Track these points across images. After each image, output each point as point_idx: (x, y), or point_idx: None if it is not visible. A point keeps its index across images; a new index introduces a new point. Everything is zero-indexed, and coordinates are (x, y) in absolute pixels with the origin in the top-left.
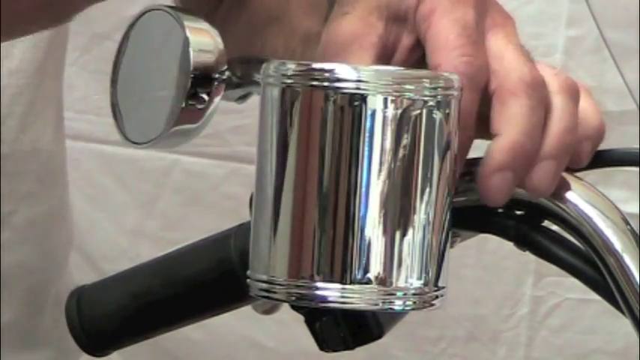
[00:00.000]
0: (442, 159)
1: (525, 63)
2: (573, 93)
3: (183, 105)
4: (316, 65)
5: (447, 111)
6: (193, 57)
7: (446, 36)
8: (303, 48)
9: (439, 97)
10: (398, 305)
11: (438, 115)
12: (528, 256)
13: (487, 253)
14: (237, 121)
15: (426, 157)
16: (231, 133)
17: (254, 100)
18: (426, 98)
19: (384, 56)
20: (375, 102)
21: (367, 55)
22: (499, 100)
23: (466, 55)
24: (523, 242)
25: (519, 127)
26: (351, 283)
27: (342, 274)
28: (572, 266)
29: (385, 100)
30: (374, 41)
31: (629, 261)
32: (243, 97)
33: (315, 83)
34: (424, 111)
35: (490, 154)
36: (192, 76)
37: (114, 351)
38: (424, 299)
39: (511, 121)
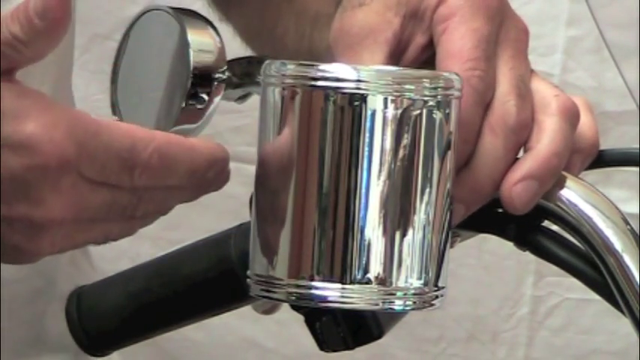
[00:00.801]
0: (442, 159)
1: (517, 98)
2: (571, 116)
3: (184, 105)
4: (316, 65)
5: (447, 111)
6: (193, 57)
7: (461, 45)
8: (312, 30)
9: (439, 97)
10: (398, 305)
11: (438, 115)
12: (528, 256)
13: (487, 253)
14: (237, 121)
15: (426, 157)
16: (231, 133)
17: (254, 100)
18: (426, 98)
19: (396, 53)
20: (375, 102)
21: (380, 51)
22: (481, 131)
23: (478, 69)
24: (523, 242)
25: (488, 166)
26: (351, 283)
27: (342, 274)
28: (572, 266)
29: (385, 100)
30: (389, 37)
31: (629, 261)
32: (243, 97)
33: (315, 83)
34: (424, 111)
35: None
36: (192, 76)
37: (114, 351)
38: (424, 299)
39: (481, 156)
